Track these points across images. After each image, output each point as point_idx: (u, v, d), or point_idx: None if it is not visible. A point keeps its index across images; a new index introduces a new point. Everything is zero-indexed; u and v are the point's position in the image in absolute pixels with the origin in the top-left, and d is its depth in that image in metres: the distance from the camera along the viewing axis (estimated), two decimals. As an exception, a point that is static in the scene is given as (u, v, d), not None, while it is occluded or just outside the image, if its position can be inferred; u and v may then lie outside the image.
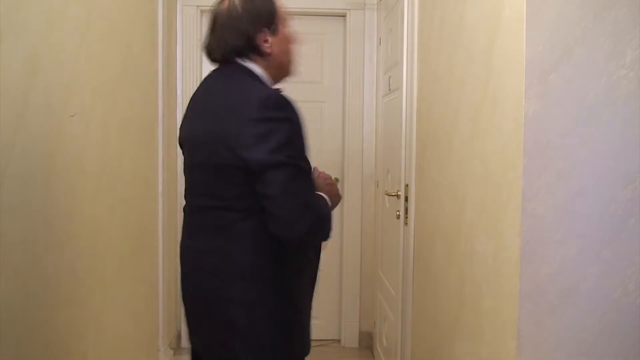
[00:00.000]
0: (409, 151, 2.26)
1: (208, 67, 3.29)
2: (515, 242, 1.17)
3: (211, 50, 1.39)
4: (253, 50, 1.36)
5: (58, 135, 1.61)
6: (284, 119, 1.24)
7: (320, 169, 1.53)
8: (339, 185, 2.00)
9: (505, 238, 1.23)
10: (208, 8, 3.22)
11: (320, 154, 3.40)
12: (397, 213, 2.42)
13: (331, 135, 3.41)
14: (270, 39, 1.38)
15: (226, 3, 1.37)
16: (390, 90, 2.83)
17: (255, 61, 1.37)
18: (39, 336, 1.50)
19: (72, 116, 1.70)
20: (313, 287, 1.54)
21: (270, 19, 1.38)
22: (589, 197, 1.13)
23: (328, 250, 3.43)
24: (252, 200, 1.27)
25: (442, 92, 1.80)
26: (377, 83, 3.28)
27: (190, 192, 1.44)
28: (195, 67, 3.23)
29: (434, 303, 1.84)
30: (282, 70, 1.44)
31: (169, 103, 3.02)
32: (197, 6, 3.23)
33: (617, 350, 1.15)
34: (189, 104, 1.46)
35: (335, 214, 3.55)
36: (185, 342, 3.30)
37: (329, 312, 3.47)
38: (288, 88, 1.29)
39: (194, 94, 1.46)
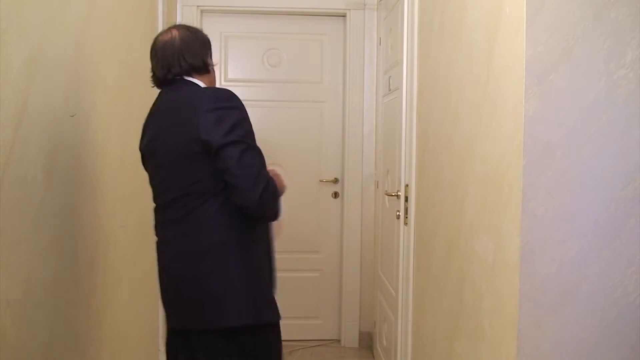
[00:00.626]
0: (409, 151, 2.26)
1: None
2: (515, 242, 1.17)
3: (168, 71, 1.63)
4: (205, 68, 1.67)
5: (58, 135, 1.61)
6: (233, 107, 1.53)
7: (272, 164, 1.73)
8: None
9: (505, 238, 1.23)
10: (208, 8, 3.25)
11: (320, 154, 3.40)
12: (397, 213, 2.42)
13: (331, 135, 3.41)
14: (209, 61, 1.70)
15: (174, 33, 1.65)
16: (390, 90, 2.83)
17: (201, 77, 1.67)
18: (39, 336, 1.50)
19: (72, 116, 1.70)
20: (271, 265, 1.71)
21: (209, 45, 1.71)
22: (589, 197, 1.13)
23: (328, 250, 3.43)
24: (210, 184, 1.52)
25: (442, 92, 1.80)
26: (377, 83, 3.28)
27: (155, 195, 1.69)
28: (195, 67, 3.23)
29: (434, 303, 1.84)
30: (212, 85, 1.74)
31: (169, 103, 3.02)
32: (197, 6, 3.23)
33: (617, 350, 1.15)
34: (146, 121, 1.73)
35: (336, 213, 3.54)
36: (185, 342, 3.31)
37: (329, 312, 3.47)
38: (289, 88, 1.33)
39: (150, 113, 1.73)
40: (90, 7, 1.85)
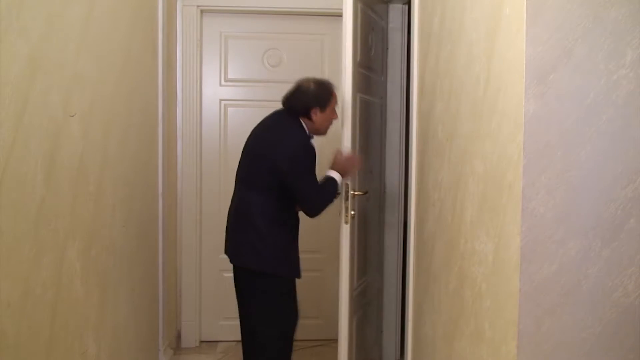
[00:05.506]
0: (409, 151, 2.26)
1: (208, 67, 3.32)
2: (515, 242, 1.17)
3: (286, 102, 2.28)
4: (306, 114, 2.25)
5: (58, 135, 1.61)
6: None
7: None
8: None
9: (505, 238, 1.23)
10: (208, 8, 3.24)
11: (321, 153, 3.39)
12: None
13: (331, 135, 3.40)
14: (318, 113, 2.24)
15: (309, 84, 2.26)
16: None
17: (305, 119, 2.26)
18: (39, 336, 1.50)
19: (72, 116, 1.70)
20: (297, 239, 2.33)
21: (323, 103, 2.24)
22: (589, 197, 1.13)
23: (328, 250, 3.43)
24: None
25: (442, 92, 1.80)
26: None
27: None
28: (195, 67, 3.23)
29: (434, 303, 1.84)
30: (317, 131, 2.31)
31: (169, 103, 3.01)
32: (197, 6, 3.23)
33: (617, 350, 1.15)
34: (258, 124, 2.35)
35: (336, 213, 3.56)
36: (185, 342, 3.31)
37: (329, 312, 3.47)
38: (289, 88, 1.32)
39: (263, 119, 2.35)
40: (90, 7, 1.85)
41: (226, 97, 3.35)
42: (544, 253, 1.14)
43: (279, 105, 3.70)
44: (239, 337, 3.54)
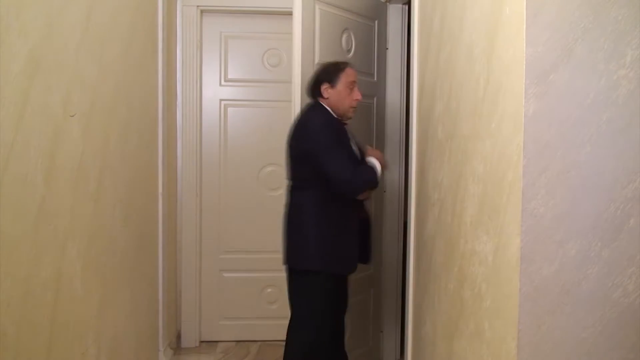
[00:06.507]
0: (409, 151, 2.26)
1: (208, 68, 3.34)
2: (515, 242, 1.17)
3: (306, 89, 2.29)
4: (320, 93, 2.21)
5: (58, 135, 1.61)
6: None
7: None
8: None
9: (505, 238, 1.23)
10: (208, 8, 3.24)
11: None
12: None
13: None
14: (328, 89, 2.19)
15: (321, 63, 2.31)
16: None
17: (323, 100, 2.21)
18: (39, 336, 1.50)
19: (72, 116, 1.70)
20: (354, 229, 2.23)
21: (330, 77, 2.19)
22: (589, 197, 1.13)
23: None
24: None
25: (442, 92, 1.80)
26: (377, 83, 3.27)
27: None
28: (195, 67, 3.23)
29: (434, 303, 1.84)
30: (337, 111, 2.21)
31: (169, 103, 3.01)
32: (197, 6, 3.23)
33: (617, 350, 1.15)
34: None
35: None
36: (185, 342, 3.31)
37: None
38: (289, 88, 1.32)
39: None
40: (90, 7, 1.85)
41: (226, 97, 3.35)
42: (544, 253, 1.14)
43: (278, 105, 3.71)
44: (239, 337, 3.54)
